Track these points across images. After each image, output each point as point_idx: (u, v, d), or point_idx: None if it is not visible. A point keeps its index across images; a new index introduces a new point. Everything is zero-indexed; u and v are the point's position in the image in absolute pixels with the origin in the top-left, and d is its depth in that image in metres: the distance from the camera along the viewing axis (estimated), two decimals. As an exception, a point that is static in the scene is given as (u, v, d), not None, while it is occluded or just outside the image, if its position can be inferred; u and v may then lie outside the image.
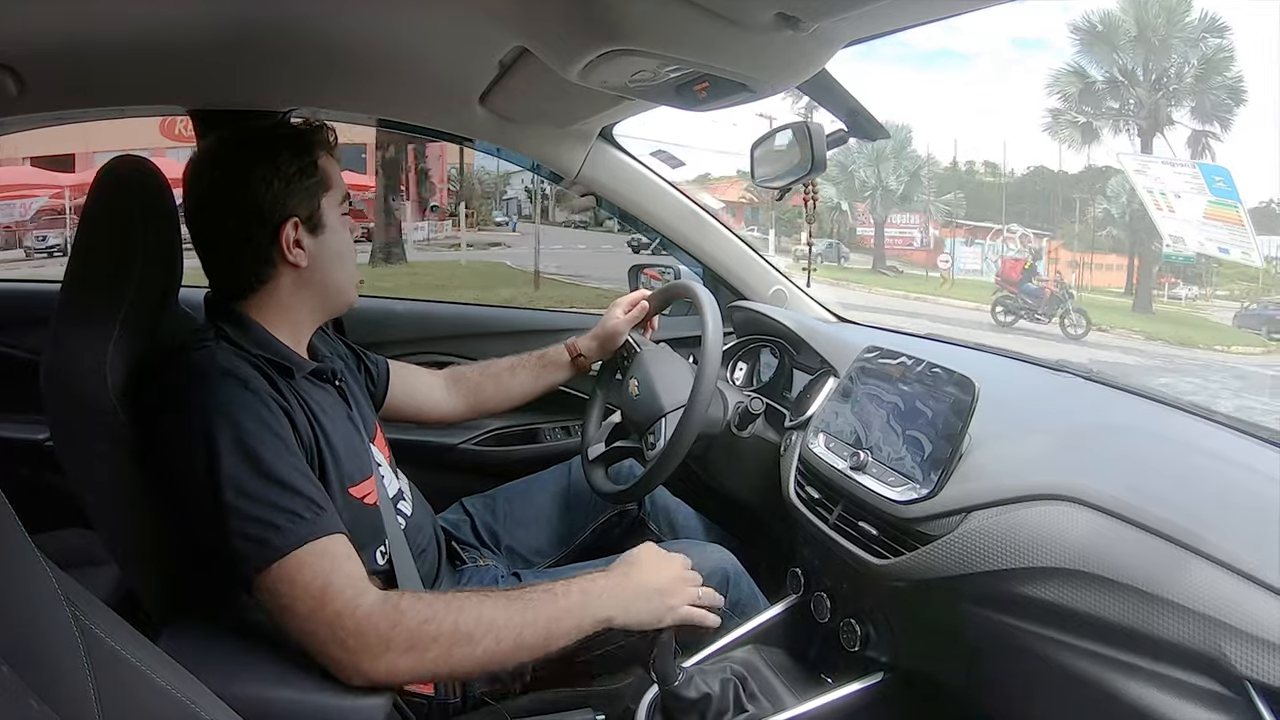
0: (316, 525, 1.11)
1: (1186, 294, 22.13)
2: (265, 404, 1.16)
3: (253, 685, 1.05)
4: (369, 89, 1.80)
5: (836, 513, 1.42)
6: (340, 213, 1.33)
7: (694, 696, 1.29)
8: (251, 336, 1.26)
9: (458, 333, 2.31)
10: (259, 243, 1.26)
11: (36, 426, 1.94)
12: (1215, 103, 21.46)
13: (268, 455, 1.12)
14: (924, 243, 26.32)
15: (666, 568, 1.32)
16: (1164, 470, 1.19)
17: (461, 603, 1.14)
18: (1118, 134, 22.92)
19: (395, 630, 1.09)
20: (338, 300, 1.37)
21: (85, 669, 0.72)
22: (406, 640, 1.09)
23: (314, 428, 1.23)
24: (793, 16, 0.99)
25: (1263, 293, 21.31)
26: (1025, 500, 1.13)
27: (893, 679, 1.39)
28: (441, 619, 1.11)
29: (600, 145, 2.08)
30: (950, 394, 1.29)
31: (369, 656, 1.08)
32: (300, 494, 1.12)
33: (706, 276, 2.26)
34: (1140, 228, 22.75)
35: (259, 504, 1.09)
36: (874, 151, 24.82)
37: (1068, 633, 1.04)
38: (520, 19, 1.23)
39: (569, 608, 1.20)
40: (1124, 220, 23.74)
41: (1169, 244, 16.96)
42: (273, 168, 1.25)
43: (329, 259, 1.31)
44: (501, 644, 1.14)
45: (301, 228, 1.27)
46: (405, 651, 1.09)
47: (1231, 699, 0.89)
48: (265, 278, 1.28)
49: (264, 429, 1.13)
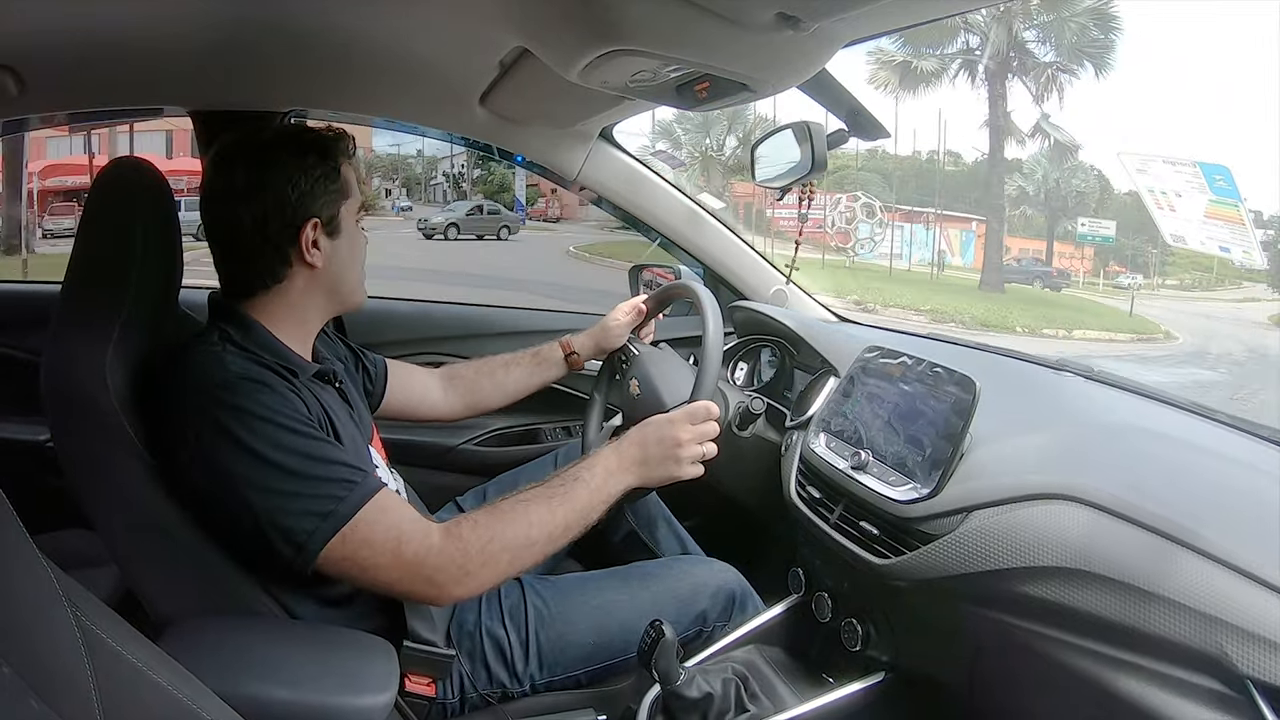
0: (368, 485, 1.16)
1: (1130, 282, 21.67)
2: (284, 396, 1.17)
3: (253, 685, 1.05)
4: (370, 89, 1.80)
5: (838, 512, 1.42)
6: (356, 220, 1.34)
7: (696, 696, 1.30)
8: (255, 339, 1.26)
9: (457, 333, 2.30)
10: (279, 241, 1.26)
11: (37, 427, 1.93)
12: (1080, 34, 20.13)
13: (301, 440, 1.15)
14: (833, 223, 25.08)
15: (671, 432, 1.39)
16: (1164, 469, 1.19)
17: (511, 514, 1.24)
18: (957, 76, 21.50)
19: (468, 557, 1.18)
20: (347, 302, 1.38)
21: (86, 669, 0.72)
22: (480, 559, 1.19)
23: (325, 424, 1.24)
24: (793, 16, 0.99)
25: (1216, 282, 21.39)
26: (1026, 499, 1.13)
27: (894, 678, 1.39)
28: (503, 533, 1.21)
29: (600, 145, 2.08)
30: (951, 393, 1.29)
31: (455, 584, 1.18)
32: (344, 463, 1.17)
33: (707, 276, 2.26)
34: (1055, 205, 22.50)
35: (312, 482, 1.13)
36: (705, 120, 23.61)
37: (1069, 632, 1.04)
38: (521, 19, 1.23)
39: (598, 488, 1.31)
40: (1039, 198, 23.18)
41: (1170, 241, 16.85)
42: (300, 169, 1.26)
43: (343, 262, 1.32)
44: (554, 537, 1.25)
45: (321, 229, 1.28)
46: (482, 568, 1.19)
47: (1233, 698, 0.89)
48: (280, 277, 1.29)
49: (287, 415, 1.16)
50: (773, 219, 13.53)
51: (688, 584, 1.56)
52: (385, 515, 1.16)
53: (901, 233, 24.24)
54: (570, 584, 1.54)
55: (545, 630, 1.42)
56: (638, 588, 1.52)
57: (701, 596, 1.55)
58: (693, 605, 1.54)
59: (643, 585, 1.53)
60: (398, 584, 1.17)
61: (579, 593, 1.49)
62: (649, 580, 1.55)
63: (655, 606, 1.44)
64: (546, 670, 1.41)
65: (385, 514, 1.16)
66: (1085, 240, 22.16)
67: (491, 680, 1.38)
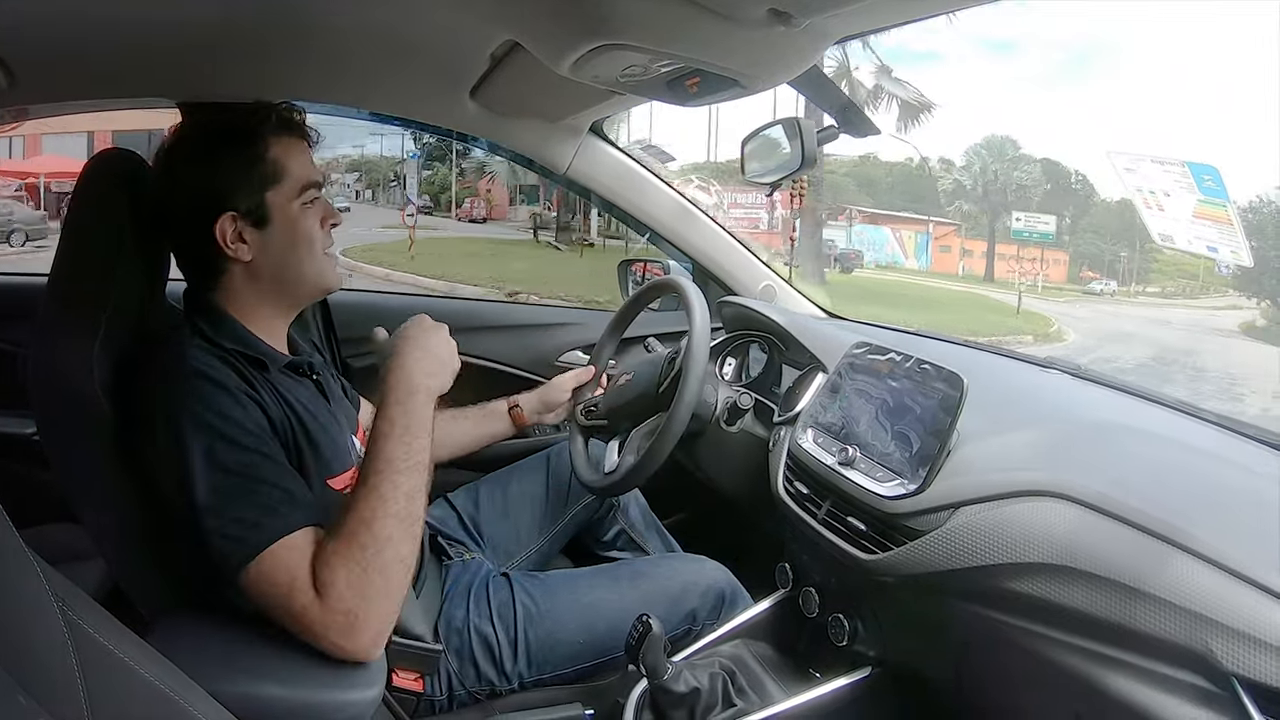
0: (291, 519, 1.10)
1: (1103, 289, 21.80)
2: (236, 399, 1.14)
3: (241, 681, 1.04)
4: (362, 81, 1.79)
5: (825, 508, 1.42)
6: (301, 201, 1.28)
7: (683, 691, 1.30)
8: (225, 330, 1.24)
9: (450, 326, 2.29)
10: (199, 238, 1.23)
11: (24, 421, 1.92)
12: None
13: (238, 453, 1.11)
14: (770, 224, 23.17)
15: (434, 333, 1.34)
16: (1151, 467, 1.20)
17: (364, 530, 1.09)
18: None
19: (344, 602, 1.06)
20: (300, 291, 1.33)
21: (73, 665, 0.72)
22: (362, 598, 1.07)
23: (290, 419, 1.22)
24: (784, 12, 0.99)
25: (1201, 290, 21.06)
26: (1013, 496, 1.14)
27: (881, 673, 1.40)
28: (365, 558, 1.08)
29: (590, 140, 2.07)
30: (939, 390, 1.29)
31: (351, 634, 1.07)
32: (276, 486, 1.11)
33: (696, 272, 2.26)
34: (995, 200, 22.05)
35: (236, 501, 1.08)
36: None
37: (1055, 628, 1.04)
38: (512, 13, 1.22)
39: (415, 438, 1.17)
40: (977, 192, 22.81)
41: (1159, 241, 16.40)
42: (207, 160, 1.23)
43: (280, 251, 1.27)
44: (414, 508, 1.14)
45: (242, 221, 1.23)
46: (370, 603, 1.07)
47: (1217, 694, 0.89)
48: (220, 271, 1.26)
49: (234, 425, 1.12)
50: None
51: (678, 582, 1.56)
52: (289, 556, 1.08)
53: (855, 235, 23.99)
54: (559, 582, 1.53)
55: (534, 629, 1.42)
56: (627, 586, 1.52)
57: (691, 595, 1.55)
58: (683, 604, 1.54)
59: (632, 584, 1.53)
60: (300, 634, 1.08)
61: (568, 591, 1.49)
62: (638, 579, 1.55)
63: (645, 605, 1.43)
64: (535, 669, 1.41)
65: (290, 554, 1.08)
66: (1022, 237, 21.58)
67: (480, 678, 1.38)
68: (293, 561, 1.08)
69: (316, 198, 1.31)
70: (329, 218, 1.33)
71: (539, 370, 2.26)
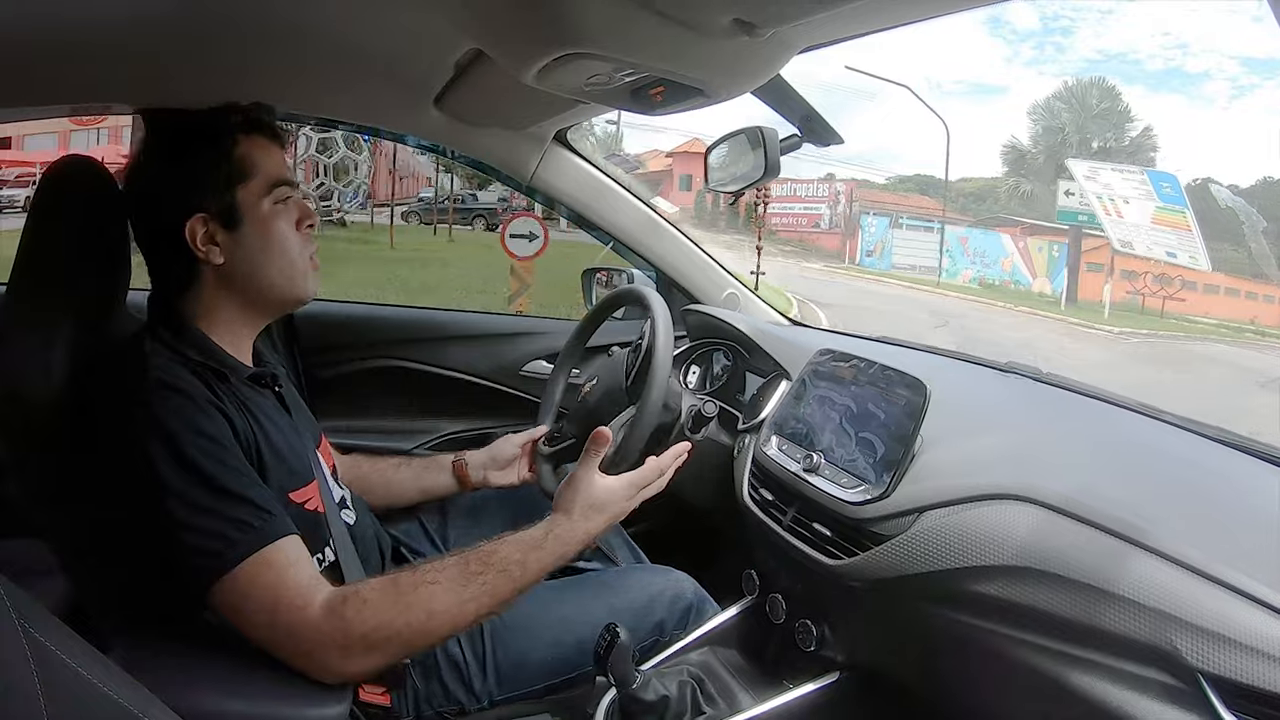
0: (264, 532, 1.08)
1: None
2: (203, 410, 1.12)
3: (207, 697, 1.03)
4: (323, 89, 1.78)
5: (790, 514, 1.43)
6: (273, 201, 1.26)
7: (652, 699, 1.30)
8: (188, 340, 1.22)
9: (412, 337, 2.28)
10: (170, 241, 1.21)
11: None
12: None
13: (210, 464, 1.09)
14: (832, 222, 21.93)
15: (608, 501, 1.34)
16: (1112, 468, 1.22)
17: (412, 598, 1.12)
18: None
19: (350, 640, 1.08)
20: (272, 298, 1.30)
21: (34, 683, 0.70)
22: (364, 645, 1.08)
23: (253, 430, 1.20)
24: (748, 22, 1.00)
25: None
26: (976, 500, 1.15)
27: (849, 678, 1.40)
28: (394, 621, 1.10)
29: (554, 149, 2.08)
30: (902, 396, 1.31)
31: (334, 664, 1.08)
32: (247, 500, 1.09)
33: (660, 280, 2.27)
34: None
35: (207, 515, 1.07)
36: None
37: (1022, 629, 1.05)
38: (476, 21, 1.22)
39: (521, 582, 1.22)
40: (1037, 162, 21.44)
41: (1119, 247, 16.17)
42: (174, 161, 1.22)
43: (252, 254, 1.25)
44: (458, 628, 1.17)
45: (213, 223, 1.22)
46: (366, 654, 1.09)
47: (1183, 690, 0.91)
48: (191, 276, 1.24)
49: (203, 437, 1.10)
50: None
51: (645, 594, 1.55)
52: (268, 572, 1.07)
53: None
54: (526, 596, 1.52)
55: (502, 647, 1.39)
56: (593, 599, 1.50)
57: (659, 606, 1.54)
58: (650, 615, 1.53)
59: (598, 597, 1.51)
60: (276, 650, 1.07)
61: (536, 605, 1.46)
62: (604, 591, 1.54)
63: (612, 617, 1.40)
64: (504, 687, 1.38)
65: (269, 570, 1.07)
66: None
67: (448, 698, 1.35)
68: (271, 578, 1.07)
69: (289, 196, 1.29)
70: (305, 219, 1.31)
71: (504, 380, 2.26)
